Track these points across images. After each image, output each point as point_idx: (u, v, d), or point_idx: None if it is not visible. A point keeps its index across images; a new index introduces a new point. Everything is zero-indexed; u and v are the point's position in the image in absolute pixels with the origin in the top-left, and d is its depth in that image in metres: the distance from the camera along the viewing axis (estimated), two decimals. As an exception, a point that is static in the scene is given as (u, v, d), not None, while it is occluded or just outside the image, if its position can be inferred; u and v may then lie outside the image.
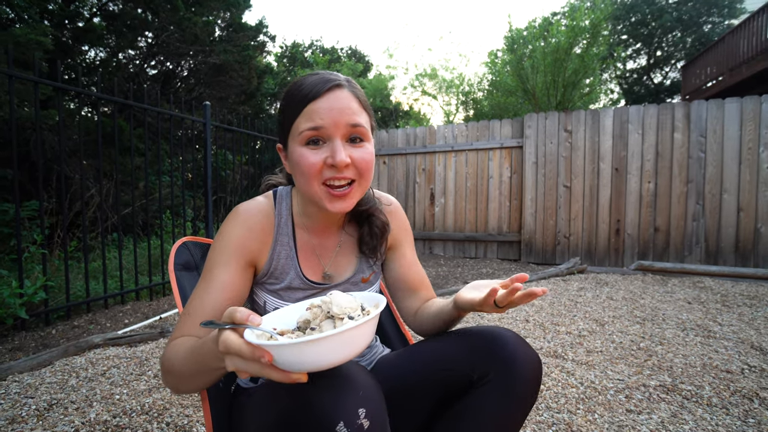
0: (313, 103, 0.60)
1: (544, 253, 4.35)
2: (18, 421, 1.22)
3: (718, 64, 7.86)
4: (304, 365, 0.42)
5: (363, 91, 0.67)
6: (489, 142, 4.62)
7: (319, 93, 0.60)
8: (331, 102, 0.60)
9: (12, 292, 2.02)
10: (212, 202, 3.25)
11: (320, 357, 0.41)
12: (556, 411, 1.28)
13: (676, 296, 2.78)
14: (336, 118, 0.60)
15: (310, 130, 0.60)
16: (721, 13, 12.12)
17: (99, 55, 5.73)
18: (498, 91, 8.79)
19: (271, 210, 0.70)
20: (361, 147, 0.62)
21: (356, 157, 0.61)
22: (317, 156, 0.60)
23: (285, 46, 12.53)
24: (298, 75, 10.13)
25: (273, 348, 0.40)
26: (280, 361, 0.41)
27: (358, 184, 0.63)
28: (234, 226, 0.66)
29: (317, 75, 0.63)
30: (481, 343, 0.61)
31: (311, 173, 0.60)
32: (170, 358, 0.56)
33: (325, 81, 0.61)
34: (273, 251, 0.69)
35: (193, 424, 1.21)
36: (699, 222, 3.80)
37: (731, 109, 3.68)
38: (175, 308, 2.65)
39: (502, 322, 2.25)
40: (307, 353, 0.41)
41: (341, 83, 0.62)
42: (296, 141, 0.62)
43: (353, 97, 0.63)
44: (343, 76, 0.64)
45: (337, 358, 0.43)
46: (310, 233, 0.72)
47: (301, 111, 0.61)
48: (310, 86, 0.61)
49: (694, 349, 1.79)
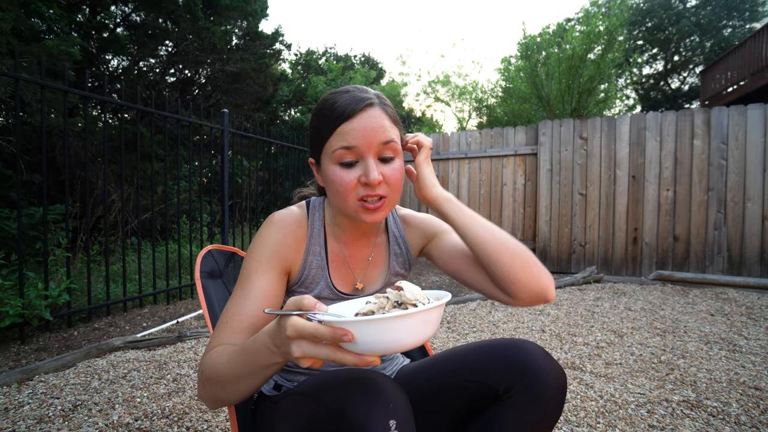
0: (346, 124, 0.61)
1: (560, 262, 4.29)
2: (45, 421, 1.26)
3: (739, 68, 7.67)
4: (381, 345, 0.42)
5: (393, 107, 0.67)
6: (503, 149, 4.59)
7: (353, 113, 0.61)
8: (364, 122, 0.61)
9: (38, 294, 2.08)
10: (228, 207, 3.30)
11: (401, 336, 0.42)
12: (575, 425, 1.25)
13: (697, 308, 2.70)
14: (369, 137, 0.61)
15: (344, 149, 0.61)
16: (741, 17, 11.86)
17: (121, 64, 5.93)
18: (512, 98, 8.75)
19: (305, 219, 0.72)
20: (392, 163, 0.64)
21: (387, 173, 0.63)
22: (351, 175, 0.62)
23: (299, 54, 12.74)
24: (311, 79, 10.27)
25: (358, 325, 0.41)
26: (360, 342, 0.42)
27: (389, 198, 0.65)
28: (270, 234, 0.68)
29: (349, 93, 0.64)
30: (506, 355, 0.61)
31: (346, 191, 0.62)
32: (212, 365, 0.56)
33: (358, 100, 0.62)
34: (305, 260, 0.70)
35: (213, 429, 1.22)
36: (721, 231, 3.69)
37: (754, 115, 3.59)
38: (191, 312, 2.70)
39: (518, 332, 2.22)
40: (391, 331, 0.41)
41: (373, 102, 0.63)
42: (330, 159, 0.63)
43: (385, 115, 0.64)
44: (373, 92, 0.65)
45: (415, 338, 0.43)
46: (342, 244, 0.74)
47: (334, 131, 0.62)
48: (342, 106, 0.62)
49: (719, 363, 1.74)
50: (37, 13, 3.77)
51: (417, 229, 0.79)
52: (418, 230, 0.79)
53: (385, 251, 0.77)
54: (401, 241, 0.78)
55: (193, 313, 2.68)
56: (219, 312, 0.83)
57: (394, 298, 0.50)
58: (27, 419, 1.26)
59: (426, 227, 0.79)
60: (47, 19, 3.84)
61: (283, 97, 9.82)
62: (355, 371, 0.54)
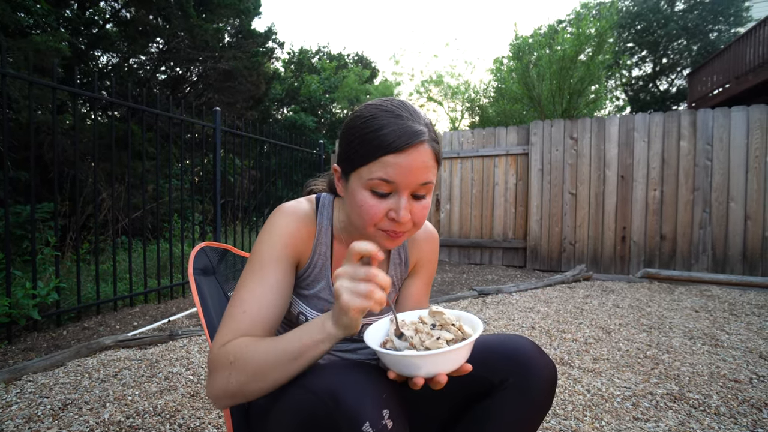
0: (392, 156, 0.56)
1: (550, 260, 4.35)
2: (34, 420, 1.25)
3: (725, 72, 7.85)
4: (439, 368, 0.50)
5: (440, 143, 0.63)
6: (495, 148, 4.64)
7: (402, 148, 0.56)
8: (411, 160, 0.57)
9: (26, 293, 2.06)
10: (220, 206, 3.29)
11: (459, 362, 0.51)
12: (563, 418, 1.29)
13: (683, 305, 2.76)
14: (410, 177, 0.57)
15: (382, 181, 0.57)
16: (727, 21, 12.11)
17: (111, 61, 5.85)
18: (504, 98, 8.83)
19: (314, 216, 0.70)
20: (422, 201, 0.61)
21: (416, 211, 0.60)
22: (381, 206, 0.59)
23: (292, 53, 12.68)
24: (305, 78, 10.20)
25: (430, 357, 0.48)
26: (423, 369, 0.49)
27: (410, 232, 0.63)
28: (285, 223, 0.66)
29: (401, 120, 0.57)
30: (500, 349, 0.63)
31: (371, 220, 0.60)
32: (242, 354, 0.54)
33: (410, 134, 0.56)
34: (312, 258, 0.69)
35: (206, 426, 1.23)
36: (706, 230, 3.78)
37: (738, 117, 3.68)
38: (183, 312, 2.68)
39: (509, 329, 2.25)
40: (452, 359, 0.50)
41: (425, 139, 0.58)
42: (362, 183, 0.59)
43: (431, 153, 0.59)
44: (425, 121, 0.60)
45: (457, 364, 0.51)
46: (347, 247, 0.72)
47: (377, 158, 0.57)
48: (393, 135, 0.56)
49: (702, 357, 1.79)
50: (24, 8, 3.70)
51: (418, 248, 0.78)
52: (417, 249, 0.78)
53: (387, 259, 0.76)
54: (403, 251, 0.77)
55: (184, 312, 2.66)
56: (212, 309, 0.83)
57: (429, 321, 0.55)
58: (15, 419, 1.25)
59: (424, 253, 0.78)
60: (34, 14, 3.77)
61: (275, 95, 9.77)
62: (348, 363, 0.56)
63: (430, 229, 0.79)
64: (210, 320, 0.80)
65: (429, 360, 0.47)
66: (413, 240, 0.77)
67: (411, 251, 0.78)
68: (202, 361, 1.76)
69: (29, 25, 3.96)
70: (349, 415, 0.46)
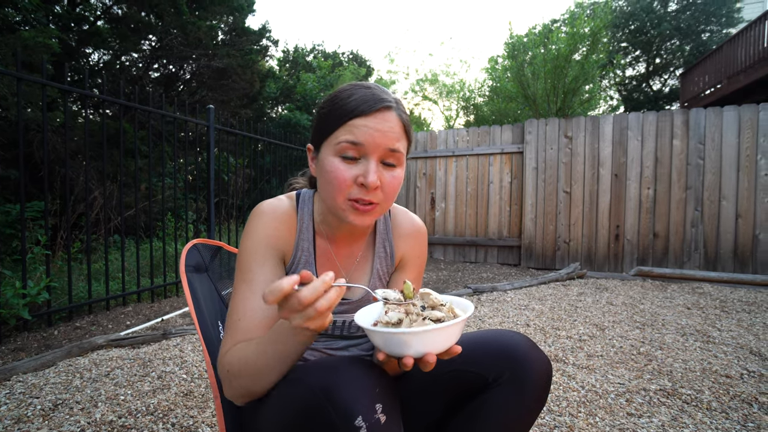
0: (359, 119, 0.59)
1: (544, 258, 4.37)
2: (24, 421, 1.23)
3: (716, 72, 7.93)
4: (431, 347, 0.48)
5: (409, 116, 0.65)
6: (490, 147, 4.65)
7: (368, 111, 0.59)
8: (377, 122, 0.59)
9: (15, 293, 2.02)
10: (214, 204, 3.26)
11: (451, 340, 0.50)
12: (557, 414, 1.29)
13: (675, 302, 2.79)
14: (378, 139, 0.59)
15: (349, 143, 0.59)
16: (719, 22, 12.24)
17: (103, 58, 5.77)
18: (498, 97, 8.85)
19: (294, 212, 0.70)
20: (392, 171, 0.62)
21: (386, 180, 0.61)
22: (349, 172, 0.60)
23: (287, 51, 12.61)
24: (301, 76, 10.17)
25: (421, 334, 0.46)
26: (414, 348, 0.47)
27: (380, 205, 0.63)
28: (263, 223, 0.66)
29: (370, 90, 0.61)
30: (496, 346, 0.63)
31: (340, 187, 0.60)
32: (241, 359, 0.57)
33: (377, 100, 0.60)
34: (295, 254, 0.69)
35: (199, 425, 1.22)
36: (698, 228, 3.82)
37: (729, 116, 3.72)
38: (176, 311, 2.66)
39: (503, 326, 2.26)
40: (446, 336, 0.48)
41: (391, 105, 0.61)
42: (331, 150, 0.61)
43: (399, 121, 0.61)
44: (394, 97, 0.63)
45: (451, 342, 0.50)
46: (329, 242, 0.72)
47: (345, 122, 0.60)
48: (360, 100, 0.60)
49: (694, 354, 1.81)
50: (11, 3, 3.64)
51: (403, 242, 0.76)
52: (403, 243, 0.76)
53: (371, 252, 0.75)
54: (388, 244, 0.76)
55: (178, 311, 2.64)
56: (204, 306, 0.82)
57: (419, 303, 0.54)
58: (4, 419, 1.23)
59: (410, 248, 0.77)
60: (22, 10, 3.71)
61: (270, 94, 9.71)
62: (341, 358, 0.55)
63: (417, 223, 0.78)
64: (202, 317, 0.79)
65: (418, 337, 0.46)
66: (399, 233, 0.76)
67: (397, 244, 0.76)
68: (196, 359, 1.75)
69: (17, 21, 3.90)
70: (342, 408, 0.46)
